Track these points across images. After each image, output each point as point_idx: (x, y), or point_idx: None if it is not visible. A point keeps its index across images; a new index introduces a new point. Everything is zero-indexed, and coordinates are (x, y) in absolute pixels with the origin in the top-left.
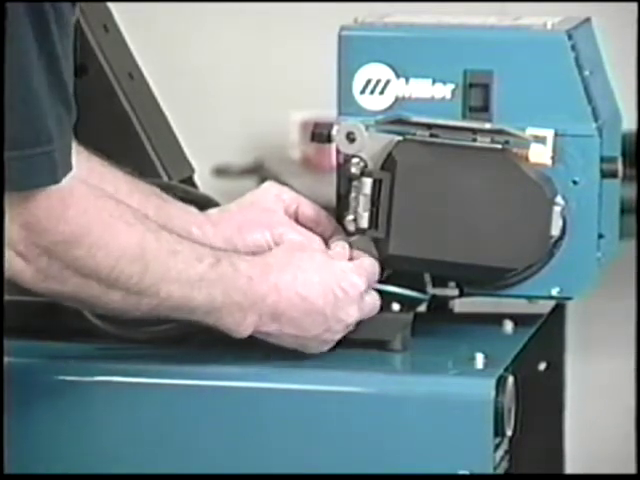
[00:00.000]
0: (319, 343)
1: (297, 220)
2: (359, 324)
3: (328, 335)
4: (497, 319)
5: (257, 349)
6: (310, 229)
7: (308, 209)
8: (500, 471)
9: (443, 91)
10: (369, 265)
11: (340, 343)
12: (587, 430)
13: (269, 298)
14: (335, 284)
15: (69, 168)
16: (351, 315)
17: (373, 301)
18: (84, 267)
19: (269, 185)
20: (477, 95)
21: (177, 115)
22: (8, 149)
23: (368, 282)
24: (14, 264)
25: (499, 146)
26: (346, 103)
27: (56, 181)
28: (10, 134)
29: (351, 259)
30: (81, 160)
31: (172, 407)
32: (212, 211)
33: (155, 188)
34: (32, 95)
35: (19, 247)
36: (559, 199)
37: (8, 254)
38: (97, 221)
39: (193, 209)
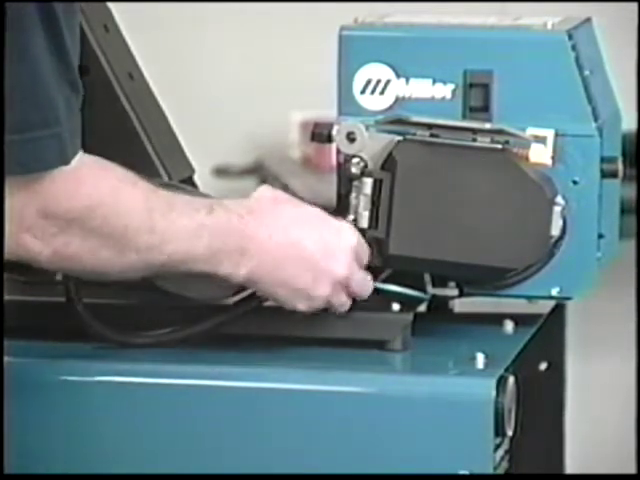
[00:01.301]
0: (306, 296)
1: None
2: (359, 324)
3: (316, 287)
4: (497, 319)
5: (257, 349)
6: None
7: None
8: (500, 471)
9: (443, 91)
10: (360, 238)
11: (340, 343)
12: (587, 430)
13: (261, 234)
14: (327, 233)
15: (78, 148)
16: (340, 267)
17: (364, 278)
18: (100, 237)
19: (264, 190)
20: (477, 95)
21: (177, 115)
22: (18, 132)
23: (360, 244)
24: (31, 247)
25: (499, 146)
26: (346, 103)
27: (66, 162)
28: (19, 117)
29: None
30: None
31: (172, 407)
32: None
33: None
34: (40, 78)
35: (34, 230)
36: (559, 199)
37: (23, 238)
38: (108, 190)
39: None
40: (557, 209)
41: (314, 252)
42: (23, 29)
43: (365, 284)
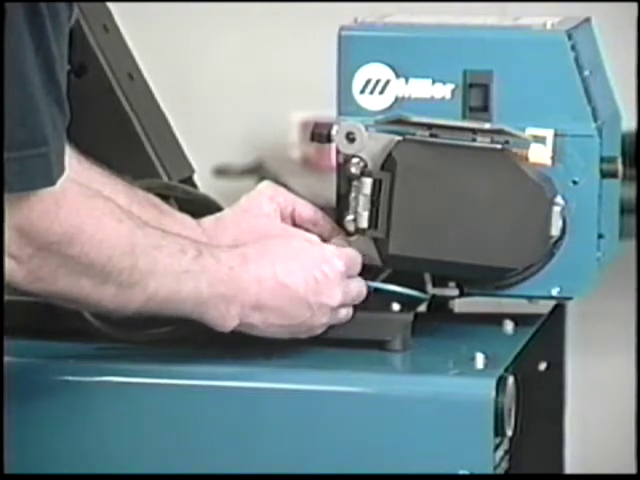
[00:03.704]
0: (307, 329)
1: (294, 221)
2: (359, 324)
3: (314, 320)
4: (497, 319)
5: (257, 349)
6: (307, 230)
7: (305, 210)
8: (500, 471)
9: (443, 91)
10: (350, 252)
11: (340, 343)
12: (587, 430)
13: (251, 289)
14: (315, 268)
15: (63, 169)
16: (334, 298)
17: (359, 287)
18: (77, 266)
19: (263, 187)
20: (477, 95)
21: (177, 115)
22: (4, 150)
23: (348, 266)
24: (5, 266)
25: (499, 146)
26: (346, 103)
27: (52, 183)
28: (6, 135)
29: None
30: (81, 169)
31: (172, 407)
32: (207, 220)
33: (153, 198)
34: (28, 96)
35: (11, 249)
36: (559, 199)
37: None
38: (89, 220)
39: (189, 220)
40: (557, 209)
41: (306, 291)
42: (13, 47)
43: (360, 293)
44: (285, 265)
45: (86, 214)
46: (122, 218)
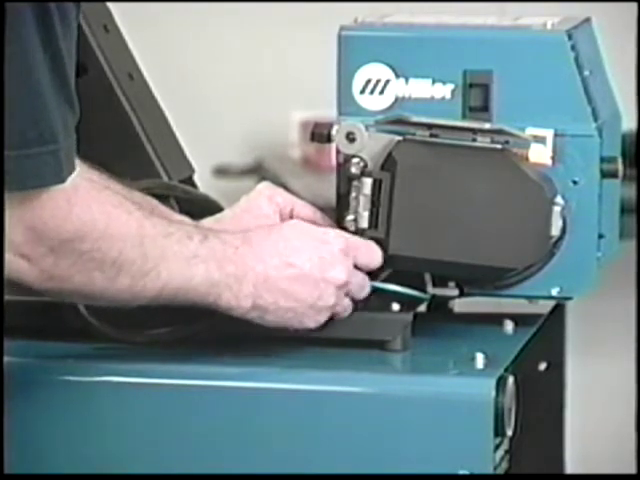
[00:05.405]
0: (315, 312)
1: None
2: (359, 324)
3: (322, 301)
4: (497, 319)
5: (257, 349)
6: None
7: (304, 210)
8: (500, 471)
9: (443, 91)
10: (354, 237)
11: (340, 343)
12: (587, 430)
13: (257, 267)
14: (317, 246)
15: (73, 167)
16: (339, 274)
17: (363, 277)
18: (90, 261)
19: (262, 188)
20: (477, 95)
21: (177, 115)
22: (14, 148)
23: (348, 245)
24: (17, 266)
25: (499, 146)
26: (346, 103)
27: (62, 181)
28: (16, 133)
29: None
30: (80, 172)
31: (172, 407)
32: (207, 221)
33: (152, 200)
34: (37, 94)
35: (23, 249)
36: (559, 199)
37: (9, 257)
38: (101, 214)
39: (188, 221)
40: (557, 209)
41: (312, 268)
42: (22, 46)
43: (363, 285)
44: (287, 244)
45: (97, 209)
46: (131, 210)
